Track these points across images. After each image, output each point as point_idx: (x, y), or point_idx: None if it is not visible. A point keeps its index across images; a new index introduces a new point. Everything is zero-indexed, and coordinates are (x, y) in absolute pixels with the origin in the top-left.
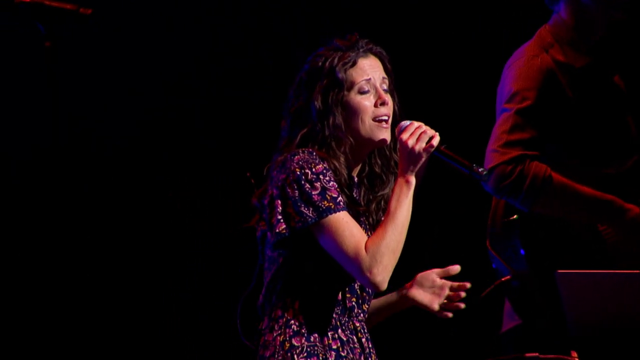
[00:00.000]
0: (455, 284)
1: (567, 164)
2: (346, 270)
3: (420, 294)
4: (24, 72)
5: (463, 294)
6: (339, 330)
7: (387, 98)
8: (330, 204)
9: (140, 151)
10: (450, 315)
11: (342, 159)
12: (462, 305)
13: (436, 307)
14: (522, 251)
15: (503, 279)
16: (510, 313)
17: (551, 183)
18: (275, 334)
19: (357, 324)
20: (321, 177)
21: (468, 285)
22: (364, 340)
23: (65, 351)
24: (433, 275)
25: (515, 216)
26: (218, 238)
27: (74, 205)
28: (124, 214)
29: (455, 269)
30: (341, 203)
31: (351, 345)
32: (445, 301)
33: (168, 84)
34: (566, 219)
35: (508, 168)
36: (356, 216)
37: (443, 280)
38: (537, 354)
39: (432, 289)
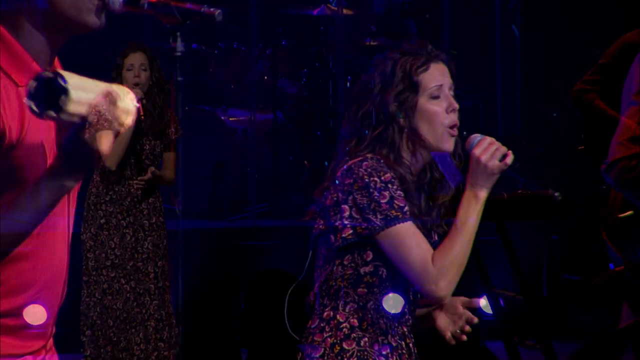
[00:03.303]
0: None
1: None
2: (406, 279)
3: (441, 318)
4: None
5: (467, 328)
6: (389, 336)
7: (457, 105)
8: (398, 213)
9: None
10: (453, 342)
11: (407, 164)
12: (464, 338)
13: (448, 334)
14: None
15: (617, 269)
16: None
17: None
18: (325, 335)
19: (405, 329)
20: (389, 185)
21: (475, 320)
22: (410, 345)
23: None
24: (458, 302)
25: (630, 212)
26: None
27: None
28: None
29: (477, 302)
30: (408, 213)
31: (399, 352)
32: (458, 331)
33: None
34: None
35: (632, 163)
36: (421, 224)
37: (464, 310)
38: None
39: (452, 316)
